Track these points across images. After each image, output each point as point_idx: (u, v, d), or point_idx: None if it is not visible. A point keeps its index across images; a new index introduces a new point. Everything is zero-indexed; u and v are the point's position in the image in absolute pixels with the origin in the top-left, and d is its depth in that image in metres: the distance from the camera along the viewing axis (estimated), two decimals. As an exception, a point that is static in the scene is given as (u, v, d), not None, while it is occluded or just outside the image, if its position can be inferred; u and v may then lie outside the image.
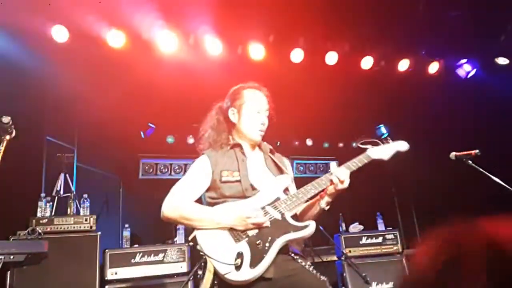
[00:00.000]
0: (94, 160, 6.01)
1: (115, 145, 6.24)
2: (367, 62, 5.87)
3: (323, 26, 5.28)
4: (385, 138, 2.61)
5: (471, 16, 5.20)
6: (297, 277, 2.14)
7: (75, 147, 5.66)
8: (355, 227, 5.71)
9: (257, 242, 2.11)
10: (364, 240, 5.43)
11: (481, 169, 3.11)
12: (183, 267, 4.53)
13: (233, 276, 2.04)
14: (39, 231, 3.99)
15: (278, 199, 2.28)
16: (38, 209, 4.33)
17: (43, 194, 4.47)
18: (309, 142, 7.80)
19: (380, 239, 5.49)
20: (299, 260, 2.22)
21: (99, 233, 4.32)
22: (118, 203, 6.49)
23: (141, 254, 4.45)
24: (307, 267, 2.20)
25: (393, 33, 5.48)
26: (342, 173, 2.32)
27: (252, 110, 2.50)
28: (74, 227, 4.28)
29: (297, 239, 2.22)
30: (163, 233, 5.35)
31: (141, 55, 5.07)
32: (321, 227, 4.98)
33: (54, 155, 5.07)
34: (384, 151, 2.54)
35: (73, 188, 4.97)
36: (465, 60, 6.20)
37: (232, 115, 2.52)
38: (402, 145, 2.62)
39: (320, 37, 5.56)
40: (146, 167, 7.08)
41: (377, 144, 2.57)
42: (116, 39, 4.83)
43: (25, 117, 2.98)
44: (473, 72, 6.11)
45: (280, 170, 2.50)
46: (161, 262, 4.48)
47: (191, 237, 2.21)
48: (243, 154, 2.47)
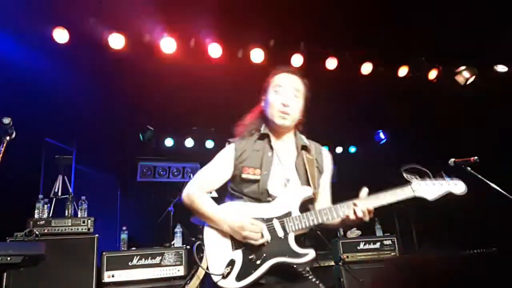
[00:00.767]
0: (93, 162, 6.01)
1: (114, 148, 6.24)
2: (367, 68, 5.89)
3: (324, 32, 5.30)
4: (439, 172, 2.19)
5: (471, 23, 5.23)
6: (291, 282, 2.12)
7: (74, 149, 5.66)
8: (353, 233, 5.70)
9: (251, 256, 2.07)
10: (362, 246, 5.41)
11: (480, 176, 3.12)
12: (180, 271, 4.51)
13: (221, 283, 2.05)
14: (37, 233, 3.97)
15: (289, 214, 2.14)
16: (36, 211, 4.31)
17: (41, 196, 4.45)
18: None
19: (378, 245, 5.47)
20: (295, 267, 2.14)
21: (97, 236, 4.30)
22: (116, 205, 6.48)
23: (139, 257, 4.42)
24: (303, 273, 2.15)
25: (393, 40, 5.50)
26: (359, 213, 2.09)
27: (272, 92, 2.34)
28: (72, 229, 4.26)
29: (291, 264, 2.08)
30: (161, 236, 5.34)
31: (142, 58, 5.07)
32: (319, 232, 4.97)
33: (53, 157, 5.06)
34: (432, 190, 2.18)
35: (71, 190, 4.96)
36: (464, 67, 6.19)
37: (262, 104, 2.42)
38: (459, 188, 2.20)
39: (320, 42, 5.58)
40: (144, 170, 7.08)
41: (427, 176, 2.19)
42: (117, 41, 4.83)
43: (24, 119, 2.96)
44: (472, 79, 6.13)
45: (307, 176, 2.25)
46: (159, 265, 4.46)
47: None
48: (271, 148, 2.30)
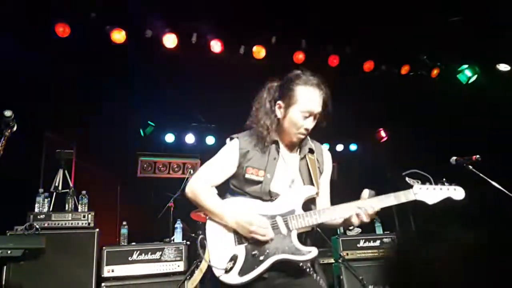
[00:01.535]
0: (93, 157, 6.00)
1: (114, 143, 6.23)
2: (368, 66, 5.89)
3: (326, 29, 5.29)
4: (440, 179, 2.25)
5: (472, 22, 5.22)
6: (293, 276, 2.13)
7: (75, 143, 5.64)
8: (353, 230, 5.71)
9: (254, 252, 2.07)
10: (362, 243, 5.41)
11: (482, 174, 3.11)
12: (180, 266, 4.50)
13: (223, 278, 2.06)
14: (37, 227, 3.98)
15: (292, 212, 2.16)
16: (36, 205, 4.31)
17: (42, 190, 4.44)
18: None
19: (378, 243, 5.47)
20: (297, 263, 2.15)
21: (97, 230, 4.30)
22: (116, 200, 6.47)
23: (139, 252, 4.42)
24: (305, 268, 2.17)
25: (395, 38, 5.49)
26: (363, 214, 2.12)
27: (300, 114, 2.22)
28: (72, 223, 4.26)
29: (294, 261, 2.10)
30: (161, 231, 5.34)
31: (143, 53, 5.06)
32: (319, 229, 4.97)
33: (53, 151, 5.05)
34: (432, 195, 2.22)
35: (71, 184, 4.95)
36: (466, 66, 6.21)
37: (278, 109, 2.28)
38: (458, 194, 2.26)
39: (323, 40, 5.57)
40: (145, 165, 7.07)
41: (429, 182, 2.24)
42: (118, 36, 4.81)
43: (25, 112, 2.96)
44: (474, 78, 6.12)
45: (311, 177, 2.28)
46: (158, 261, 4.45)
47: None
48: (277, 152, 2.29)
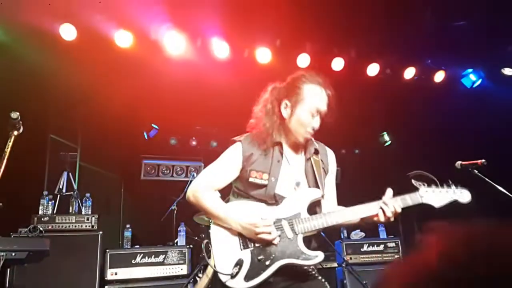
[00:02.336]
0: (97, 160, 6.01)
1: (118, 145, 6.24)
2: (373, 69, 5.88)
3: (330, 32, 5.29)
4: (447, 181, 2.25)
5: (477, 26, 5.21)
6: (298, 279, 2.13)
7: (79, 146, 5.66)
8: (357, 234, 5.69)
9: (259, 257, 2.06)
10: (366, 248, 5.40)
11: (487, 179, 3.09)
12: (184, 270, 4.50)
13: (229, 283, 2.04)
14: (40, 229, 3.98)
15: (298, 216, 2.14)
16: (40, 207, 4.32)
17: (46, 192, 4.46)
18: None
19: (382, 247, 5.45)
20: (302, 267, 2.16)
21: (101, 233, 4.30)
22: (119, 203, 6.48)
23: (142, 255, 4.42)
24: (310, 271, 2.18)
25: (399, 41, 5.48)
26: (389, 210, 2.15)
27: (308, 112, 2.22)
28: (76, 226, 4.27)
29: (300, 265, 2.10)
30: (164, 235, 5.34)
31: (148, 56, 5.07)
32: (323, 233, 4.95)
33: (58, 153, 5.07)
34: (439, 198, 2.22)
35: (75, 187, 4.96)
36: (471, 70, 6.20)
37: (284, 109, 2.27)
38: (464, 196, 2.26)
39: (327, 43, 5.56)
40: (148, 168, 7.07)
41: (435, 184, 2.24)
42: (124, 39, 4.82)
43: (30, 115, 2.96)
44: (479, 82, 6.11)
45: (316, 179, 2.26)
46: (162, 264, 4.46)
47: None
48: (281, 154, 2.26)
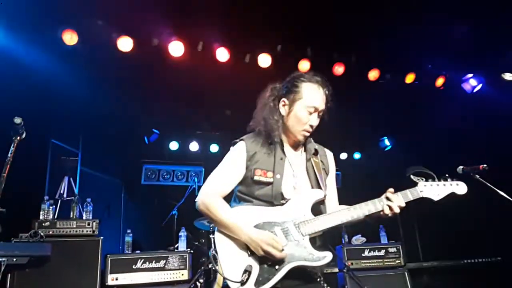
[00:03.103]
0: (98, 164, 6.01)
1: (119, 150, 6.24)
2: (374, 74, 5.90)
3: (331, 38, 5.31)
4: (443, 175, 2.31)
5: (478, 31, 5.23)
6: (306, 287, 2.12)
7: (79, 151, 5.66)
8: (358, 239, 5.68)
9: (269, 262, 2.04)
10: (367, 253, 5.38)
11: (489, 184, 3.09)
12: (185, 275, 4.49)
13: None
14: (41, 234, 3.97)
15: (303, 217, 2.14)
16: (41, 212, 4.31)
17: (47, 197, 4.45)
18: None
19: (383, 252, 5.43)
20: (310, 271, 2.16)
21: (102, 238, 4.29)
22: (120, 208, 6.47)
23: (143, 260, 4.41)
24: (318, 279, 2.17)
25: (400, 46, 5.50)
26: (396, 206, 2.14)
27: (305, 109, 2.24)
28: (77, 231, 4.25)
29: (309, 267, 2.09)
30: (165, 239, 5.32)
31: (149, 61, 5.09)
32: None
33: (59, 158, 5.07)
34: (437, 191, 2.26)
35: (76, 192, 4.96)
36: (471, 75, 6.22)
37: (283, 107, 2.29)
38: (461, 188, 2.30)
39: (328, 49, 5.58)
40: (149, 173, 7.06)
41: (432, 179, 2.28)
42: (125, 44, 4.84)
43: (31, 120, 2.97)
44: (479, 87, 6.12)
45: (317, 179, 2.27)
46: (163, 269, 4.44)
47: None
48: (283, 152, 2.27)
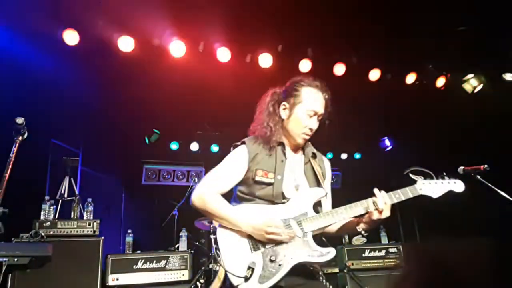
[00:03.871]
0: (98, 165, 6.01)
1: (119, 150, 6.24)
2: (375, 74, 5.89)
3: (332, 38, 5.30)
4: (441, 173, 2.36)
5: (479, 31, 5.22)
6: (309, 286, 2.12)
7: (80, 151, 5.66)
8: (358, 240, 5.68)
9: (271, 258, 2.05)
10: (367, 253, 5.38)
11: (490, 184, 3.09)
12: (185, 275, 4.49)
13: (242, 287, 2.01)
14: (42, 234, 3.97)
15: (305, 215, 2.17)
16: (42, 212, 4.31)
17: (47, 197, 4.45)
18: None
19: (383, 252, 5.44)
20: (312, 270, 2.18)
21: (102, 238, 4.29)
22: (121, 208, 6.47)
23: (143, 261, 4.41)
24: (319, 277, 2.18)
25: (401, 47, 5.50)
26: (381, 201, 2.14)
27: (305, 113, 2.30)
28: (77, 231, 4.26)
29: (313, 263, 2.12)
30: (165, 240, 5.32)
31: (150, 61, 5.08)
32: (324, 238, 4.94)
33: (59, 158, 5.07)
34: (436, 188, 2.31)
35: (77, 192, 4.96)
36: (472, 75, 6.19)
37: (283, 110, 2.36)
38: (458, 186, 2.36)
39: (328, 48, 5.58)
40: (149, 173, 7.07)
41: (430, 177, 2.33)
42: (126, 44, 4.84)
43: (32, 120, 2.97)
44: (480, 87, 6.12)
45: (317, 180, 2.34)
46: (163, 269, 4.45)
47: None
48: (284, 155, 2.32)
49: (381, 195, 2.17)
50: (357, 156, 8.40)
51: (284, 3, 4.58)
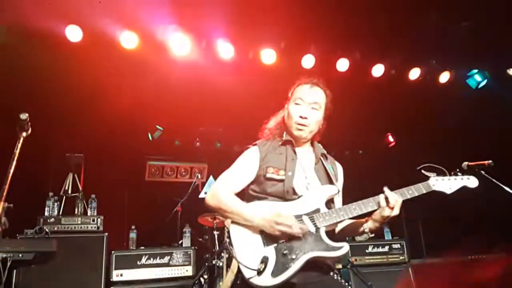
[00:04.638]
0: (102, 161, 6.02)
1: (123, 146, 6.25)
2: (378, 70, 5.86)
3: (335, 33, 5.28)
4: (454, 170, 2.38)
5: (483, 26, 5.19)
6: (322, 284, 2.11)
7: (84, 147, 5.67)
8: (362, 236, 5.67)
9: (285, 252, 2.05)
10: (371, 249, 5.39)
11: (495, 180, 3.08)
12: (189, 271, 4.52)
13: (255, 280, 2.02)
14: (46, 230, 3.99)
15: (318, 211, 2.18)
16: (46, 208, 4.34)
17: (51, 193, 4.48)
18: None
19: (387, 248, 5.45)
20: (325, 267, 2.17)
21: (106, 234, 4.31)
22: (124, 204, 6.49)
23: (147, 256, 4.44)
24: (332, 275, 2.17)
25: (404, 42, 5.47)
26: (392, 198, 2.14)
27: (293, 103, 2.40)
28: (81, 227, 4.29)
29: (326, 258, 2.11)
30: (169, 236, 5.34)
31: (153, 58, 5.07)
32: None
33: (63, 155, 5.08)
34: (449, 185, 2.31)
35: (81, 188, 4.97)
36: (476, 70, 6.18)
37: (283, 111, 2.50)
38: (472, 182, 2.36)
39: (332, 44, 5.55)
40: (153, 169, 7.08)
41: (443, 174, 2.33)
42: (129, 41, 4.83)
43: (35, 116, 2.97)
44: (484, 83, 6.08)
45: (329, 179, 2.36)
46: (167, 265, 4.47)
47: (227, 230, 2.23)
48: (294, 152, 2.37)
49: (392, 193, 2.17)
50: (360, 152, 8.37)
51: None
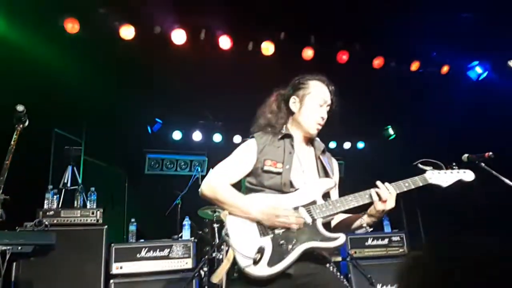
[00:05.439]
0: (101, 154, 6.01)
1: (122, 139, 6.24)
2: (378, 62, 5.85)
3: (334, 25, 5.25)
4: (450, 164, 2.38)
5: (483, 18, 5.16)
6: (318, 276, 2.11)
7: (83, 140, 5.66)
8: (363, 229, 5.68)
9: (281, 242, 2.05)
10: (370, 242, 5.39)
11: (494, 172, 3.07)
12: (189, 263, 4.51)
13: (250, 270, 2.02)
14: (46, 223, 3.98)
15: (314, 203, 2.18)
16: (45, 201, 4.32)
17: (51, 186, 4.46)
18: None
19: (386, 241, 5.44)
20: (321, 259, 2.17)
21: (106, 227, 4.30)
22: (124, 197, 6.49)
23: (147, 249, 4.42)
24: (329, 267, 2.17)
25: (404, 34, 5.44)
26: (384, 191, 2.14)
27: (315, 102, 2.38)
28: (81, 220, 4.27)
29: (323, 249, 2.13)
30: (169, 228, 5.34)
31: (151, 49, 5.05)
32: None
33: (62, 148, 5.07)
34: (445, 178, 2.32)
35: (80, 181, 4.97)
36: (477, 62, 6.16)
37: (293, 104, 2.43)
38: (468, 176, 2.37)
39: (332, 36, 5.53)
40: (152, 162, 7.08)
41: (440, 168, 2.34)
42: (128, 32, 4.80)
43: (34, 109, 2.96)
44: (485, 75, 6.06)
45: (326, 173, 2.37)
46: (167, 258, 4.46)
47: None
48: (292, 147, 2.36)
49: (384, 186, 2.16)
50: (360, 145, 8.37)
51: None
